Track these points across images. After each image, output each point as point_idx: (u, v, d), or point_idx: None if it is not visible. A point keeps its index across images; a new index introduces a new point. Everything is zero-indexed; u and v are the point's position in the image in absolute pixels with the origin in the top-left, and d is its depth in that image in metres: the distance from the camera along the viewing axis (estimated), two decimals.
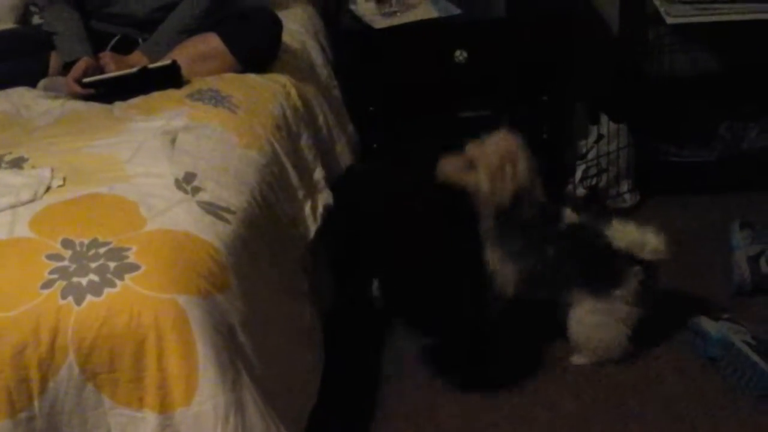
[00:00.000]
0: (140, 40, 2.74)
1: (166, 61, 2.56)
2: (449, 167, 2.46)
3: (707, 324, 2.51)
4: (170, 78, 2.53)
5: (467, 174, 2.42)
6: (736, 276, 2.74)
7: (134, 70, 2.55)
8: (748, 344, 2.41)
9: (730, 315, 2.54)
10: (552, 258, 2.42)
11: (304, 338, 2.20)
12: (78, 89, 2.54)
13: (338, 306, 2.58)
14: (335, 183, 2.63)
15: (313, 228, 2.41)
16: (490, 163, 2.40)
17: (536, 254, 2.43)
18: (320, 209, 2.47)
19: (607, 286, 2.40)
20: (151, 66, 2.56)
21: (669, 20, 3.01)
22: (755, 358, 2.38)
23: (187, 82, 2.55)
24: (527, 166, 2.42)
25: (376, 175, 2.71)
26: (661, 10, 3.03)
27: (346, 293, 2.66)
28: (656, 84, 3.17)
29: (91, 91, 2.54)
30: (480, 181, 2.41)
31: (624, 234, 2.42)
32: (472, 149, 2.45)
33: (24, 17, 3.01)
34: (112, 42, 2.74)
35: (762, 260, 2.72)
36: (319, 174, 2.55)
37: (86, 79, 2.54)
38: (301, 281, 2.29)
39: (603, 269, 2.41)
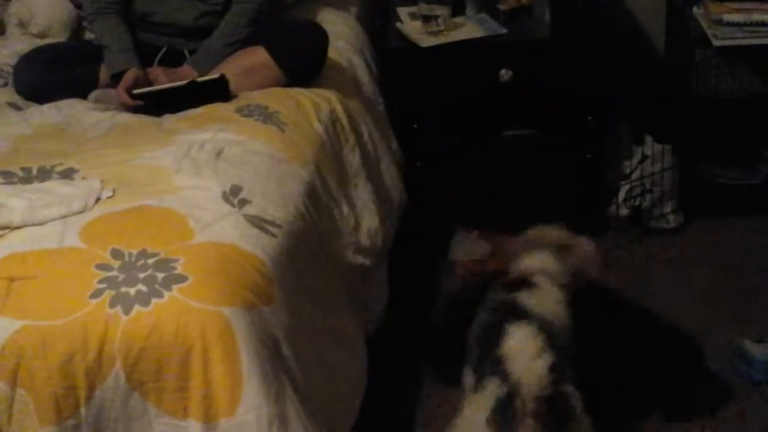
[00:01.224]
0: (186, 52, 2.77)
1: (215, 75, 2.58)
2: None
3: (751, 347, 2.49)
4: (218, 91, 2.56)
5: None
6: None
7: (183, 83, 2.58)
8: None
9: None
10: None
11: (347, 352, 2.20)
12: (128, 100, 2.58)
13: (388, 322, 2.58)
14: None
15: (362, 249, 2.43)
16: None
17: None
18: (367, 229, 2.48)
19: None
20: (200, 79, 2.59)
21: (716, 42, 3.00)
22: None
23: (235, 95, 2.58)
24: None
25: None
26: (708, 32, 3.02)
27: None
28: (702, 105, 3.16)
29: (141, 102, 2.57)
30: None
31: None
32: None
33: (77, 33, 3.06)
34: (160, 54, 2.77)
35: None
36: (363, 191, 2.56)
37: (136, 91, 2.58)
38: (343, 296, 2.30)
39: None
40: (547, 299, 2.20)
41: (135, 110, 2.58)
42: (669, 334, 2.68)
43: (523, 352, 1.98)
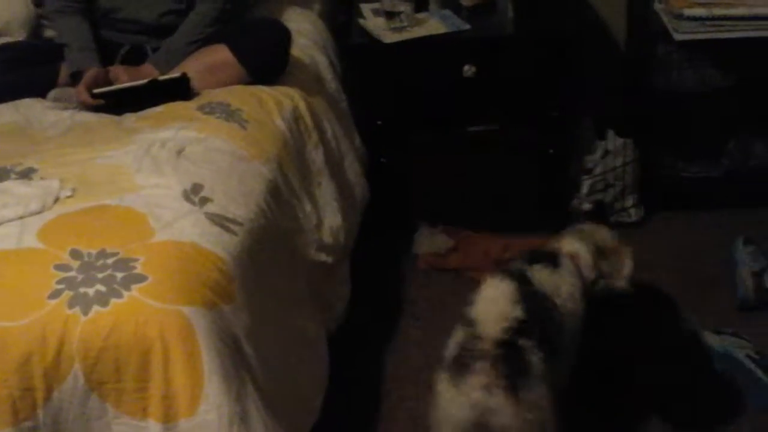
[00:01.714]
0: (149, 50, 2.76)
1: (176, 74, 2.58)
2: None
3: (711, 338, 2.52)
4: (180, 90, 2.55)
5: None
6: (740, 291, 2.75)
7: (144, 81, 2.56)
8: (752, 359, 2.42)
9: (733, 329, 2.55)
10: None
11: (309, 351, 2.21)
12: (88, 99, 2.56)
13: (350, 319, 2.59)
14: None
15: (324, 245, 2.43)
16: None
17: None
18: (329, 226, 2.48)
19: None
20: (161, 78, 2.58)
21: (677, 37, 3.01)
22: (759, 373, 2.39)
23: (197, 93, 2.57)
24: None
25: None
26: (669, 26, 3.04)
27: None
28: (663, 99, 3.18)
29: (101, 101, 2.56)
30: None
31: None
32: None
33: (36, 30, 3.03)
34: (122, 52, 2.76)
35: (766, 276, 2.73)
36: (326, 188, 2.56)
37: (96, 90, 2.56)
38: (305, 293, 2.30)
39: None
40: (559, 279, 2.23)
41: (95, 109, 2.56)
42: (630, 326, 2.70)
43: (491, 299, 2.00)
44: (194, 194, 2.06)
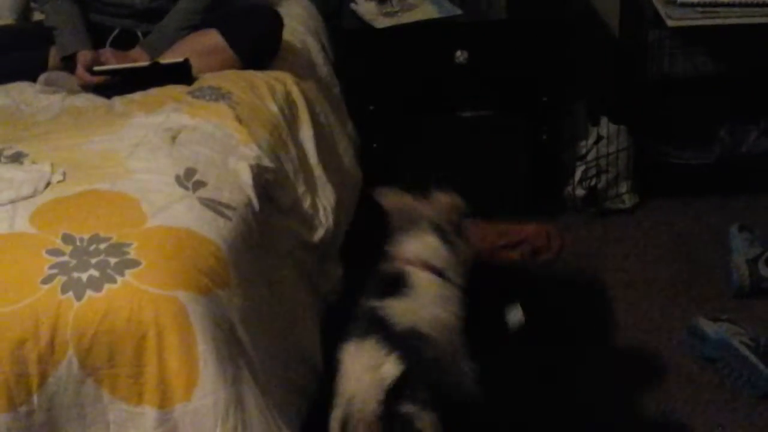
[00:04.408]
0: (140, 34, 2.74)
1: (179, 59, 2.55)
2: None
3: (706, 325, 2.52)
4: (181, 75, 2.53)
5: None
6: (735, 278, 2.74)
7: (145, 64, 2.55)
8: (747, 345, 2.42)
9: (728, 316, 2.55)
10: None
11: (303, 334, 2.19)
12: (88, 77, 2.54)
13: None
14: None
15: (318, 227, 2.41)
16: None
17: None
18: (323, 207, 2.47)
19: None
20: (164, 62, 2.56)
21: (670, 23, 3.01)
22: (754, 359, 2.38)
23: (197, 79, 2.55)
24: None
25: None
26: (662, 12, 3.03)
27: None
28: (656, 86, 3.18)
29: (102, 78, 2.53)
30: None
31: None
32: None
33: (25, 14, 3.00)
34: (112, 36, 2.74)
35: (761, 263, 2.73)
36: (319, 171, 2.54)
37: (97, 68, 2.54)
38: (298, 277, 2.29)
39: None
40: (420, 301, 1.92)
41: (94, 89, 2.54)
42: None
43: (356, 368, 1.76)
44: (187, 179, 2.04)
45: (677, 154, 3.28)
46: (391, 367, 1.71)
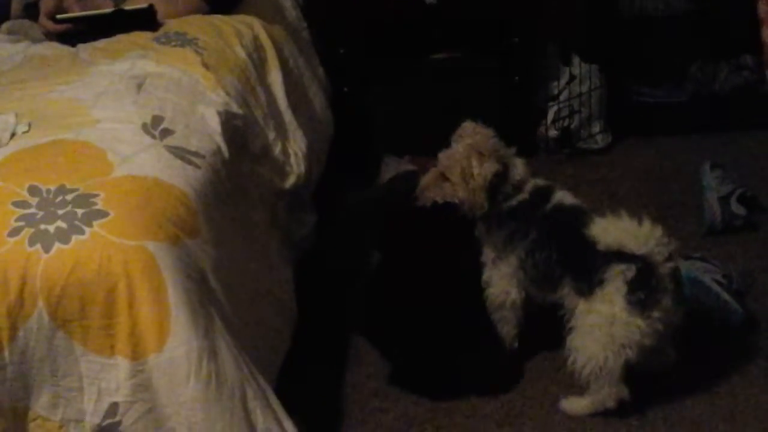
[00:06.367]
0: None
1: (143, 5, 2.51)
2: (427, 187, 2.25)
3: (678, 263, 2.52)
4: (145, 21, 2.49)
5: (445, 188, 2.21)
6: (707, 216, 2.75)
7: (109, 11, 2.50)
8: (719, 283, 2.42)
9: (700, 254, 2.55)
10: (535, 244, 2.17)
11: (276, 282, 2.19)
12: (51, 25, 2.50)
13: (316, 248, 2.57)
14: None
15: (290, 173, 2.39)
16: (458, 169, 2.18)
17: (523, 243, 2.18)
18: (294, 153, 2.44)
19: (589, 285, 2.09)
20: (128, 8, 2.52)
21: None
22: (725, 296, 2.39)
23: (161, 25, 2.51)
24: (494, 151, 2.21)
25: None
26: None
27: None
28: (628, 24, 3.16)
29: (65, 27, 2.49)
30: (456, 191, 2.19)
31: (613, 227, 2.10)
32: (441, 160, 2.24)
33: None
34: None
35: (732, 200, 2.74)
36: (289, 116, 2.52)
37: (60, 16, 2.50)
38: (269, 224, 2.27)
39: (581, 263, 2.10)
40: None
41: (57, 37, 2.49)
42: None
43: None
44: (154, 127, 2.01)
45: (650, 93, 3.27)
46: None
